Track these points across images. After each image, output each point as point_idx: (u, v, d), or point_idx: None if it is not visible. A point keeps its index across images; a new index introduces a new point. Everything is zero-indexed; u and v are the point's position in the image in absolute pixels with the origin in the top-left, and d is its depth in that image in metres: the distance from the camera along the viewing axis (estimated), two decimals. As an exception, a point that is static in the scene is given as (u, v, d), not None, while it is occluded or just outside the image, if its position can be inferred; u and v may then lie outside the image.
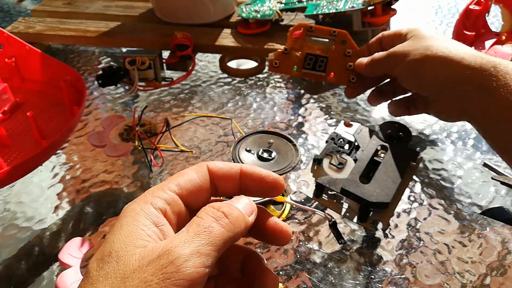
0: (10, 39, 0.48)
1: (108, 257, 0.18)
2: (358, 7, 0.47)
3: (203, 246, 0.18)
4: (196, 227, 0.18)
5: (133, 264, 0.17)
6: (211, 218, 0.19)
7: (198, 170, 0.22)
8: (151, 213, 0.19)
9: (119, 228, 0.19)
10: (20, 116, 0.46)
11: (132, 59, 0.47)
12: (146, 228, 0.19)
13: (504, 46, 0.52)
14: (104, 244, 0.19)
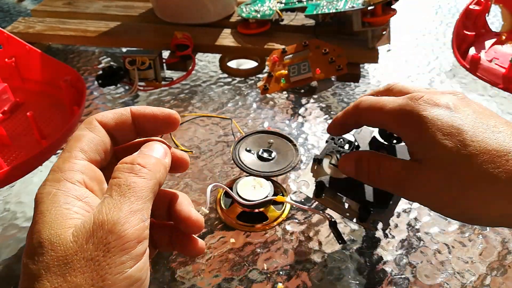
0: (10, 39, 0.48)
1: (40, 248, 0.17)
2: (358, 7, 0.47)
3: (133, 204, 0.18)
4: (118, 188, 0.18)
5: (71, 247, 0.16)
6: (129, 174, 0.18)
7: (92, 127, 0.21)
8: (70, 188, 0.18)
9: (40, 216, 0.18)
10: (20, 116, 0.46)
11: (132, 59, 0.47)
12: (70, 206, 0.18)
13: (504, 46, 0.53)
14: (30, 237, 0.17)
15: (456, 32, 0.53)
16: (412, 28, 0.63)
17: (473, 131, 0.21)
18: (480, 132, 0.22)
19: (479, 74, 0.49)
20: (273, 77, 0.48)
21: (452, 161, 0.21)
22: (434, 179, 0.22)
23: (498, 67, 0.49)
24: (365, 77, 0.54)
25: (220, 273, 0.33)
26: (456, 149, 0.21)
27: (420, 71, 0.55)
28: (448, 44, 0.57)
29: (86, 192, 0.19)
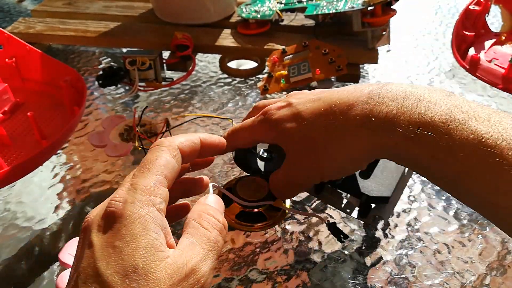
0: (10, 39, 0.48)
1: (134, 273, 0.17)
2: (358, 7, 0.47)
3: (214, 260, 0.20)
4: (207, 242, 0.20)
5: (164, 283, 0.17)
6: (217, 233, 0.21)
7: (175, 155, 0.22)
8: (156, 217, 0.19)
9: (132, 238, 0.18)
10: (20, 116, 0.46)
11: (133, 59, 0.47)
12: (158, 237, 0.19)
13: (503, 46, 0.53)
14: (119, 256, 0.18)
15: (456, 33, 0.53)
16: (412, 28, 0.63)
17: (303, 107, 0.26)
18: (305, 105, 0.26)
19: (479, 74, 0.50)
20: (273, 77, 0.48)
21: (301, 137, 0.25)
22: (299, 156, 0.26)
23: (498, 68, 0.49)
24: (364, 78, 0.54)
25: (220, 273, 0.33)
26: (297, 127, 0.26)
27: (419, 72, 0.55)
28: (448, 45, 0.57)
29: (165, 222, 0.20)
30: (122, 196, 0.19)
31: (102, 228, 0.19)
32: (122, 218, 0.18)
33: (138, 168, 0.21)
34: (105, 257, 0.18)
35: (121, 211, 0.19)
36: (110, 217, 0.19)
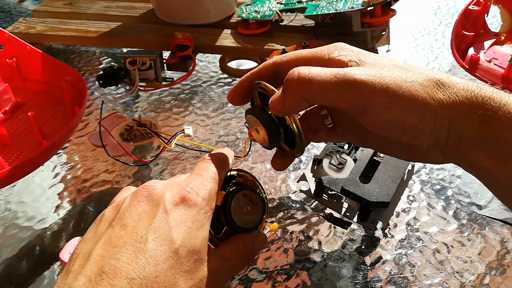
0: (11, 39, 0.48)
1: (195, 254, 0.21)
2: (358, 7, 0.47)
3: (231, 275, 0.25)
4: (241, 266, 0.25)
5: (210, 274, 0.22)
6: (244, 259, 0.25)
7: (221, 173, 0.25)
8: (211, 216, 0.23)
9: (200, 226, 0.22)
10: (21, 116, 0.46)
11: (133, 59, 0.47)
12: (208, 232, 0.23)
13: (503, 46, 0.53)
14: (190, 235, 0.21)
15: (455, 33, 0.53)
16: (411, 28, 0.64)
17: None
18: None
19: (478, 74, 0.50)
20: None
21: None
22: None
23: (497, 68, 0.49)
24: (364, 78, 0.54)
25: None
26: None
27: (419, 72, 0.55)
28: (447, 45, 0.57)
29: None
30: (197, 188, 0.23)
31: (177, 207, 0.22)
32: (196, 207, 0.22)
33: (204, 168, 0.24)
34: (180, 231, 0.21)
35: (195, 201, 0.22)
36: (186, 200, 0.22)
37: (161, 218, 0.21)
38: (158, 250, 0.20)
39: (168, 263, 0.20)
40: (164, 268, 0.20)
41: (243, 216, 0.25)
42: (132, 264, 0.19)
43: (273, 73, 0.25)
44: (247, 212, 0.25)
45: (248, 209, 0.25)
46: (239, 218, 0.25)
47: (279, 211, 0.38)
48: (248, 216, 0.25)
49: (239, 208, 0.25)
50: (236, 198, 0.25)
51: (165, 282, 0.20)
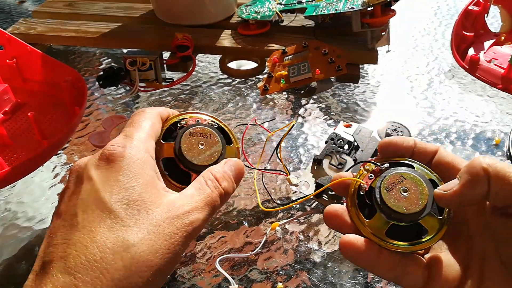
0: (11, 40, 0.48)
1: (136, 204, 0.20)
2: (358, 8, 0.47)
3: (208, 215, 0.22)
4: (206, 197, 0.22)
5: (162, 215, 0.20)
6: (217, 195, 0.23)
7: (158, 120, 0.25)
8: (151, 162, 0.22)
9: (134, 175, 0.20)
10: (21, 117, 0.46)
11: (133, 60, 0.47)
12: (155, 177, 0.22)
13: (503, 46, 0.53)
14: (123, 188, 0.20)
15: (455, 33, 0.53)
16: (411, 29, 0.64)
17: None
18: None
19: (478, 74, 0.50)
20: (273, 77, 0.48)
21: None
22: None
23: (497, 68, 0.49)
24: (364, 78, 0.54)
25: (220, 273, 0.33)
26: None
27: (419, 72, 0.55)
28: (447, 45, 0.57)
29: (157, 169, 0.23)
30: (120, 142, 0.22)
31: (101, 167, 0.21)
32: (123, 158, 0.21)
33: (127, 125, 0.23)
34: (108, 188, 0.20)
35: (122, 153, 0.21)
36: (110, 157, 0.21)
37: (86, 187, 0.20)
38: (90, 218, 0.19)
39: (104, 225, 0.19)
40: (102, 231, 0.18)
41: (200, 154, 0.24)
42: (67, 243, 0.18)
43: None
44: (203, 149, 0.24)
45: (203, 146, 0.24)
46: (195, 158, 0.24)
47: (279, 211, 0.38)
48: (206, 152, 0.24)
49: (190, 148, 0.24)
50: (183, 140, 0.24)
51: (111, 246, 0.18)
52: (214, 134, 0.25)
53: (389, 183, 0.22)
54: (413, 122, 0.47)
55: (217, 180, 0.23)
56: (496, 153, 0.43)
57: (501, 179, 0.19)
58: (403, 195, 0.21)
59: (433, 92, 0.52)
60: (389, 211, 0.21)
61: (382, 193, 0.21)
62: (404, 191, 0.21)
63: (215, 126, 0.26)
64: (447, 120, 0.48)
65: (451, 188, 0.20)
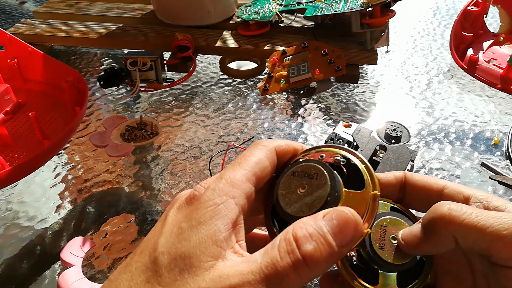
0: (12, 40, 0.48)
1: (182, 261, 0.16)
2: (357, 8, 0.47)
3: (259, 287, 0.15)
4: (269, 267, 0.16)
5: (200, 286, 0.16)
6: (288, 264, 0.15)
7: (269, 156, 0.20)
8: (231, 210, 0.17)
9: (197, 224, 0.17)
10: (22, 117, 0.46)
11: (134, 60, 0.47)
12: (223, 230, 0.17)
13: (502, 47, 0.53)
14: (179, 237, 0.17)
15: (454, 33, 0.53)
16: (410, 29, 0.64)
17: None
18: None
19: (477, 74, 0.50)
20: (273, 78, 0.49)
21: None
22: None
23: (496, 68, 0.49)
24: (363, 78, 0.55)
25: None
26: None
27: (418, 72, 0.55)
28: (446, 45, 0.57)
29: (240, 219, 0.18)
30: (208, 182, 0.18)
31: (181, 208, 0.18)
32: (198, 202, 0.17)
33: (231, 163, 0.19)
34: (168, 235, 0.17)
35: (200, 196, 0.18)
36: (192, 199, 0.18)
37: (157, 226, 0.18)
38: (139, 262, 0.17)
39: (145, 276, 0.16)
40: (139, 283, 0.16)
41: (298, 201, 0.18)
42: (114, 282, 0.17)
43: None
44: (303, 194, 0.18)
45: (304, 190, 0.18)
46: (289, 205, 0.18)
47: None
48: (306, 198, 0.18)
49: (289, 192, 0.19)
50: (283, 182, 0.19)
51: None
52: (322, 173, 0.18)
53: (377, 239, 0.20)
54: (412, 122, 0.47)
55: (296, 241, 0.16)
56: (495, 153, 0.43)
57: (464, 225, 0.17)
58: (394, 244, 0.20)
59: (432, 92, 0.52)
60: (393, 267, 0.20)
61: (378, 253, 0.19)
62: (393, 239, 0.20)
63: (342, 163, 0.19)
64: (446, 120, 0.48)
65: (415, 235, 0.19)
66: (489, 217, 0.17)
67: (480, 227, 0.17)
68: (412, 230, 0.19)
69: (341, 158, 0.19)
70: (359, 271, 0.20)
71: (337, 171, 0.19)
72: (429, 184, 0.21)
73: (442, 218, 0.18)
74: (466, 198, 0.20)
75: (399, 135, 0.41)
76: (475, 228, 0.17)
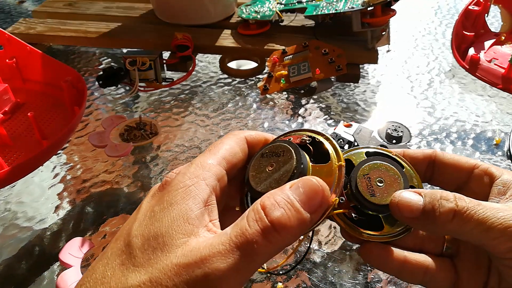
0: (11, 39, 0.48)
1: (154, 240, 0.16)
2: (358, 7, 0.47)
3: (243, 264, 0.15)
4: (239, 236, 0.16)
5: (174, 260, 0.16)
6: (257, 232, 0.16)
7: (240, 144, 0.21)
8: (202, 190, 0.18)
9: (168, 205, 0.17)
10: (21, 117, 0.46)
11: (133, 59, 0.47)
12: (195, 208, 0.17)
13: (503, 46, 0.53)
14: (151, 220, 0.17)
15: (456, 33, 0.53)
16: (411, 28, 0.63)
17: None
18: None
19: (479, 74, 0.50)
20: (273, 77, 0.48)
21: None
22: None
23: (498, 68, 0.49)
24: (364, 78, 0.54)
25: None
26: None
27: (419, 72, 0.55)
28: (448, 45, 0.57)
29: (212, 198, 0.18)
30: (179, 168, 0.19)
31: (155, 195, 0.19)
32: (169, 186, 0.18)
33: (203, 152, 0.20)
34: (141, 220, 0.18)
35: (171, 180, 0.18)
36: (164, 185, 0.19)
37: (133, 215, 0.19)
38: (114, 248, 0.17)
39: (119, 259, 0.17)
40: (114, 266, 0.17)
41: (267, 178, 0.19)
42: (91, 270, 0.18)
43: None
44: (271, 172, 0.19)
45: (272, 167, 0.19)
46: (259, 184, 0.19)
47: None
48: (274, 175, 0.19)
49: (258, 172, 0.19)
50: (253, 164, 0.20)
51: (111, 281, 0.16)
52: (288, 150, 0.19)
53: (366, 189, 0.20)
54: (413, 122, 0.47)
55: (264, 209, 0.16)
56: (497, 153, 0.43)
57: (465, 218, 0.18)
58: (381, 186, 0.20)
59: (434, 92, 0.51)
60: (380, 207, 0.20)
61: (372, 200, 0.20)
62: (379, 182, 0.21)
63: (308, 142, 0.20)
64: (447, 120, 0.47)
65: (413, 205, 0.19)
66: (486, 210, 0.18)
67: (480, 220, 0.18)
68: (411, 203, 0.19)
69: (307, 138, 0.21)
70: (363, 224, 0.20)
71: (304, 150, 0.20)
72: (460, 164, 0.21)
73: (447, 213, 0.18)
74: (491, 180, 0.20)
75: (400, 135, 0.40)
76: (475, 222, 0.18)
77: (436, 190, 0.19)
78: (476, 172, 0.21)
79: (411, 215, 0.19)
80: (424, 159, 0.22)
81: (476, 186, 0.21)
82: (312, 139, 0.21)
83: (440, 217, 0.18)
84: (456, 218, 0.18)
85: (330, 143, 0.20)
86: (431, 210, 0.19)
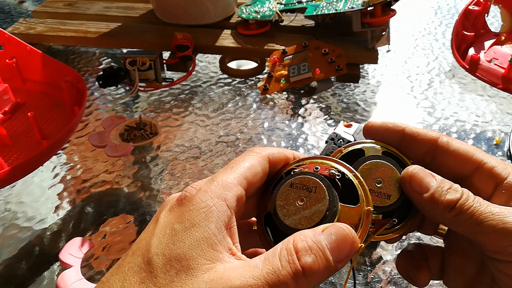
0: (11, 39, 0.48)
1: (178, 263, 0.16)
2: (358, 7, 0.47)
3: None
4: (271, 275, 0.16)
5: (201, 286, 0.16)
6: (289, 275, 0.16)
7: (262, 163, 0.20)
8: (224, 212, 0.18)
9: (191, 225, 0.17)
10: (21, 117, 0.46)
11: (133, 59, 0.47)
12: (217, 233, 0.17)
13: (503, 46, 0.53)
14: (173, 239, 0.17)
15: (456, 33, 0.53)
16: (411, 28, 0.63)
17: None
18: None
19: (479, 74, 0.50)
20: (273, 77, 0.48)
21: None
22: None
23: (498, 68, 0.49)
24: (364, 78, 0.54)
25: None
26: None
27: (419, 72, 0.55)
28: (448, 45, 0.57)
29: (233, 221, 0.18)
30: (199, 184, 0.19)
31: (172, 210, 0.18)
32: (190, 204, 0.18)
33: (224, 167, 0.20)
34: (161, 236, 0.17)
35: (192, 197, 0.18)
36: (182, 200, 0.18)
37: (149, 228, 0.18)
38: (131, 263, 0.17)
39: (139, 276, 0.16)
40: (133, 283, 0.16)
41: (296, 213, 0.19)
42: (106, 283, 0.17)
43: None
44: (302, 207, 0.19)
45: (303, 203, 0.19)
46: (288, 217, 0.19)
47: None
48: (304, 211, 0.19)
49: (287, 203, 0.19)
50: (281, 193, 0.19)
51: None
52: (321, 188, 0.19)
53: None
54: (413, 122, 0.47)
55: (297, 252, 0.16)
56: (497, 153, 0.43)
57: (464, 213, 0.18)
58: (379, 186, 0.21)
59: (434, 92, 0.51)
60: (385, 208, 0.21)
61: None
62: (378, 183, 0.21)
63: (337, 178, 0.20)
64: (447, 120, 0.47)
65: (424, 183, 0.20)
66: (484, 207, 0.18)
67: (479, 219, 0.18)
68: (424, 181, 0.20)
69: (336, 172, 0.20)
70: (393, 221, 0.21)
71: (332, 183, 0.20)
72: (466, 157, 0.21)
73: (449, 202, 0.19)
74: (498, 182, 0.20)
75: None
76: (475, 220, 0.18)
77: (447, 180, 0.20)
78: (481, 171, 0.20)
79: (420, 191, 0.19)
80: (426, 141, 0.21)
81: (479, 182, 0.20)
82: (342, 175, 0.20)
83: (443, 203, 0.19)
84: (455, 208, 0.19)
85: (360, 183, 0.20)
86: (438, 195, 0.19)
